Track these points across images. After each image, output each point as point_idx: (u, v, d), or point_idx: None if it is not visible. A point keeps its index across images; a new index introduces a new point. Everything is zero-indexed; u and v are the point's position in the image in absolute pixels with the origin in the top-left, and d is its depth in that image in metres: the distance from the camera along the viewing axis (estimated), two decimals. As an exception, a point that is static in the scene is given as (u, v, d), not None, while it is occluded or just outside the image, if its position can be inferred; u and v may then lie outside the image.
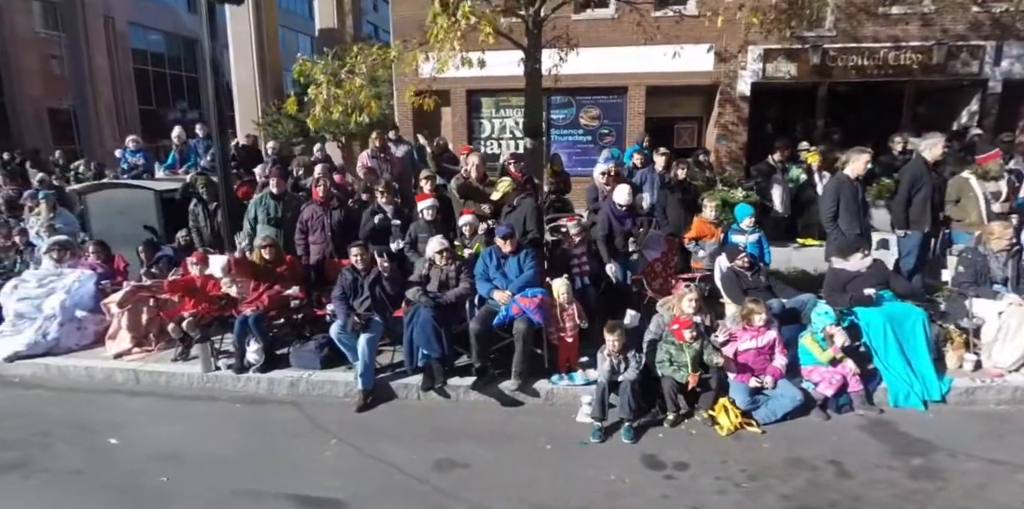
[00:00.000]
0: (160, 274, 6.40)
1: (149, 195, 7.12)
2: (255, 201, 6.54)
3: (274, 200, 6.46)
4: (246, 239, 6.44)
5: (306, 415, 4.92)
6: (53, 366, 5.86)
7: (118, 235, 7.10)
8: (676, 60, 11.84)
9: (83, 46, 20.10)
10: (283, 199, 6.53)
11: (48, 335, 6.06)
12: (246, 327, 5.36)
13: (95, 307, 6.32)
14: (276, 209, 6.41)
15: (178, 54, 26.82)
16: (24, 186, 10.23)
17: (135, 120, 22.67)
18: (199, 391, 5.43)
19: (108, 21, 21.45)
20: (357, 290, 5.26)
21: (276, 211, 6.40)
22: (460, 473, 4.05)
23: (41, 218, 7.55)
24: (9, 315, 6.29)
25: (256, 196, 6.64)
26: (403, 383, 5.20)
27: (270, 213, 6.39)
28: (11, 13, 18.34)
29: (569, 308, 5.08)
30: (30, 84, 19.17)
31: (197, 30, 26.81)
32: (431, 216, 5.71)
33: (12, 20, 18.12)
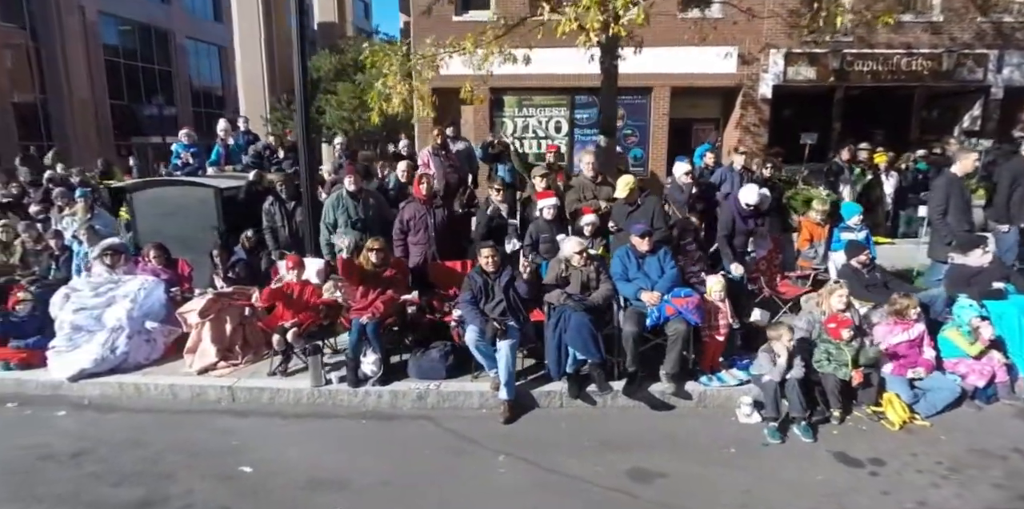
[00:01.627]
0: (237, 279, 5.72)
1: (209, 193, 6.36)
2: (331, 203, 5.89)
3: (352, 199, 5.86)
4: (327, 245, 5.82)
5: (448, 430, 4.42)
6: (128, 384, 5.11)
7: (169, 237, 6.31)
8: (700, 62, 11.88)
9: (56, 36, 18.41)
10: (359, 197, 5.94)
11: (117, 349, 5.29)
12: (363, 336, 4.81)
13: (166, 317, 5.58)
14: (356, 209, 5.81)
15: (150, 47, 25.08)
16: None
17: (107, 116, 21.03)
18: (311, 408, 4.82)
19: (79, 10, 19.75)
20: (488, 294, 4.79)
21: (357, 211, 5.80)
22: (663, 483, 3.70)
23: (78, 219, 6.67)
24: (64, 328, 5.47)
25: (331, 197, 5.99)
26: (543, 391, 4.76)
27: (351, 214, 5.78)
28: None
29: (722, 307, 4.78)
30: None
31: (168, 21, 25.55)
32: (551, 215, 5.29)
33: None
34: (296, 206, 6.03)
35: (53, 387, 5.20)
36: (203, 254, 6.30)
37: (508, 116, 13.09)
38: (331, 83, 14.21)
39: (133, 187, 6.59)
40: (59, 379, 5.18)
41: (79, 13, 19.80)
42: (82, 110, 20.06)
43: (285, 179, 6.09)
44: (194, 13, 27.35)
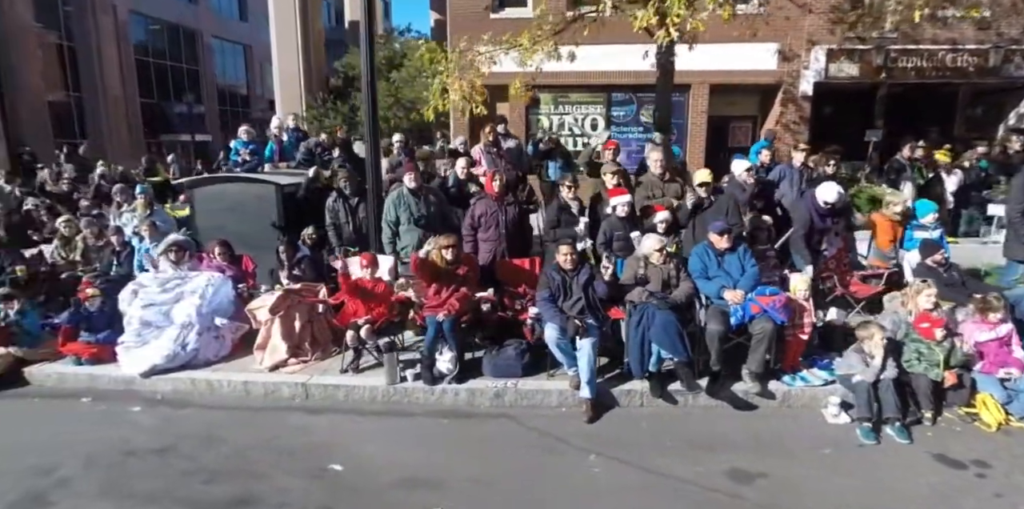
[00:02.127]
0: (303, 276, 5.66)
1: (270, 190, 6.31)
2: (392, 200, 5.79)
3: (413, 196, 5.77)
4: (389, 244, 5.74)
5: (531, 428, 4.33)
6: (201, 381, 5.07)
7: (228, 233, 6.25)
8: (740, 59, 11.69)
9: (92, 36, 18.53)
10: (420, 194, 5.86)
11: (187, 346, 5.25)
12: (440, 334, 4.73)
13: (234, 314, 5.54)
14: (418, 207, 5.73)
15: (178, 46, 25.24)
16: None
17: (137, 114, 21.19)
18: (387, 405, 4.75)
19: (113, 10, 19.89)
20: (566, 292, 4.69)
21: (419, 209, 5.71)
22: (765, 484, 3.61)
23: (139, 215, 6.65)
24: (133, 324, 5.44)
25: (392, 194, 5.91)
26: (623, 390, 4.66)
27: (413, 212, 5.69)
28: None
29: (806, 305, 4.65)
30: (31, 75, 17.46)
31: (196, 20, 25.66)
32: (625, 212, 5.17)
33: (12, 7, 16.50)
34: (359, 202, 5.96)
35: (125, 382, 5.17)
36: (262, 251, 6.26)
37: (544, 113, 12.97)
38: (365, 81, 14.17)
39: (193, 183, 6.56)
40: (131, 375, 5.15)
41: (112, 13, 19.95)
42: (115, 108, 20.21)
43: (349, 175, 6.02)
44: (220, 12, 27.51)
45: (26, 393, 5.20)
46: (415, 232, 5.57)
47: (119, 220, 6.93)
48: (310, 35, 15.68)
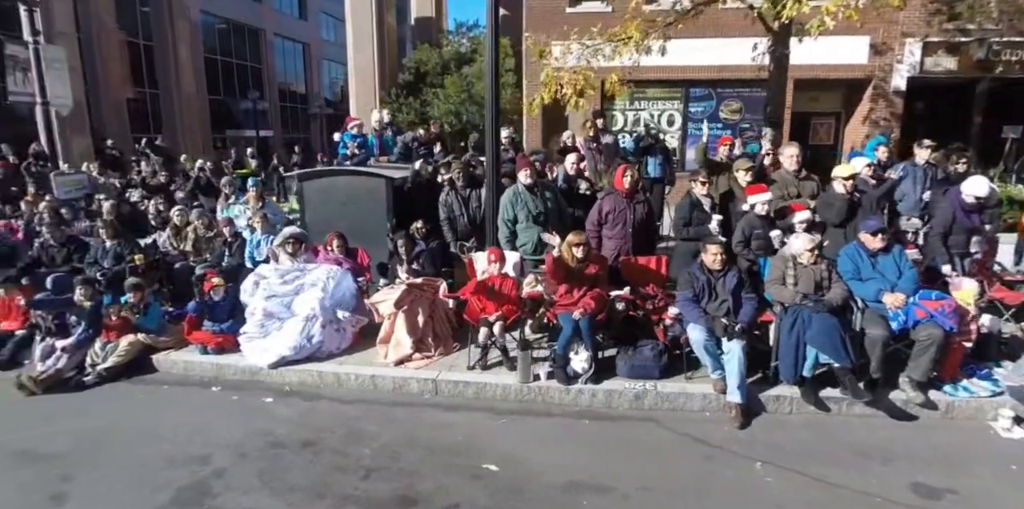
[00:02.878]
0: (423, 271, 5.57)
1: (380, 183, 6.25)
2: (508, 198, 5.60)
3: (529, 193, 5.58)
4: (508, 243, 5.58)
5: (681, 434, 4.12)
6: (328, 373, 5.02)
7: (338, 227, 6.20)
8: (828, 52, 11.16)
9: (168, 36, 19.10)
10: (535, 191, 5.67)
11: (312, 338, 5.22)
12: (577, 332, 4.57)
13: (356, 307, 5.49)
14: (535, 203, 5.54)
15: (243, 44, 25.79)
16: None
17: (206, 110, 21.74)
18: (520, 404, 4.60)
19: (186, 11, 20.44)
20: (711, 293, 4.46)
21: (536, 205, 5.54)
22: (956, 500, 3.36)
23: (251, 207, 6.67)
24: (256, 315, 5.44)
25: (507, 192, 5.72)
26: (770, 395, 4.41)
27: (530, 209, 5.52)
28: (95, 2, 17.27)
29: (973, 311, 4.32)
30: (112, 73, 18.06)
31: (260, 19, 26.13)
32: (765, 211, 4.90)
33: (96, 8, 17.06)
34: (471, 193, 5.83)
35: (251, 373, 5.16)
36: (371, 244, 6.21)
37: (619, 109, 12.69)
38: (437, 77, 14.15)
39: (304, 176, 6.54)
40: (257, 365, 5.14)
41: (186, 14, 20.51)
42: (188, 104, 20.77)
43: (463, 167, 5.90)
44: (282, 11, 27.98)
45: (155, 380, 5.25)
46: (533, 229, 5.40)
47: (227, 212, 6.98)
48: (384, 32, 15.73)
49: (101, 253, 6.46)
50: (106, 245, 6.47)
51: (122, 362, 5.25)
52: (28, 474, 3.78)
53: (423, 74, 14.76)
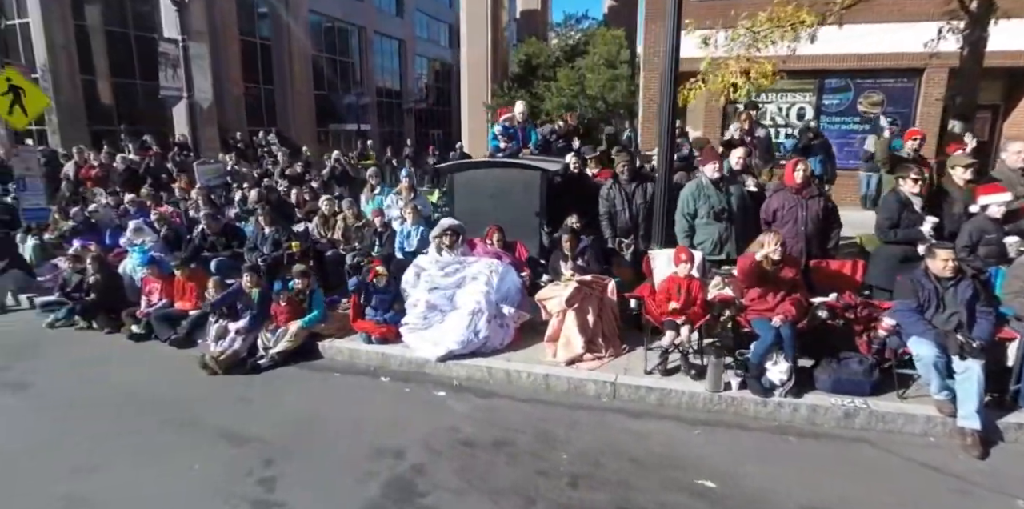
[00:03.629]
0: (588, 267, 5.31)
1: (534, 176, 6.06)
2: (691, 192, 5.22)
3: (715, 187, 5.17)
4: (686, 238, 5.21)
5: (907, 459, 3.65)
6: (499, 370, 4.86)
7: (488, 220, 6.06)
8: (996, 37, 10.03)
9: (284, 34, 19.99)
10: (721, 186, 5.22)
11: (479, 332, 5.08)
12: (776, 340, 4.17)
13: (520, 302, 5.32)
14: (719, 199, 5.14)
15: (345, 41, 26.65)
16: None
17: (312, 105, 22.61)
18: (710, 414, 4.27)
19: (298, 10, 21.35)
20: (939, 303, 3.95)
21: (720, 201, 5.14)
22: None
23: (403, 198, 6.67)
24: (419, 307, 5.38)
25: (689, 185, 5.33)
26: (1008, 422, 3.86)
27: (713, 204, 5.12)
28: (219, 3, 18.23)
29: None
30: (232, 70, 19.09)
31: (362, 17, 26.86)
32: (1000, 213, 4.31)
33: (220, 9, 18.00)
34: (636, 188, 5.52)
35: (418, 364, 5.09)
36: (520, 237, 6.04)
37: (744, 102, 11.95)
38: (549, 69, 13.92)
39: (453, 168, 6.44)
40: (424, 357, 5.07)
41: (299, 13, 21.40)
42: (299, 99, 21.68)
43: (628, 160, 5.60)
44: (381, 8, 28.63)
45: (323, 366, 5.29)
46: (714, 226, 5.02)
47: (374, 203, 7.01)
48: (499, 25, 15.69)
49: (260, 239, 6.63)
50: (265, 232, 6.63)
51: (291, 347, 5.32)
52: (233, 455, 3.82)
53: (534, 67, 14.55)
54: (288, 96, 20.99)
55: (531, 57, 14.77)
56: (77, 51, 18.86)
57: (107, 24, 20.34)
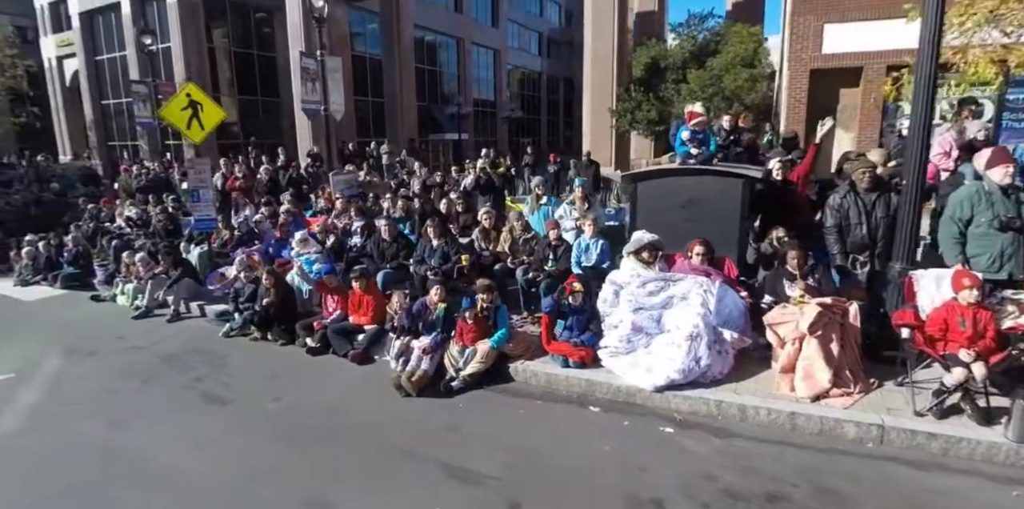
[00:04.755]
0: (822, 288, 4.61)
1: (735, 185, 5.42)
2: (968, 197, 4.35)
3: (1003, 194, 4.23)
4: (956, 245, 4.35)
5: None
6: (730, 404, 4.24)
7: (675, 232, 5.47)
8: None
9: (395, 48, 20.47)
10: (1010, 193, 4.29)
11: (700, 360, 4.49)
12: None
13: (743, 327, 4.70)
14: (1006, 207, 4.19)
15: (445, 53, 27.06)
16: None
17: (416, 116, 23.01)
18: (1018, 470, 3.49)
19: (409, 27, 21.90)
20: None
21: (1008, 209, 4.19)
22: None
23: (577, 209, 6.23)
24: (622, 328, 4.87)
25: (964, 191, 4.47)
26: None
27: (998, 213, 4.17)
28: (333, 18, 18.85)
29: None
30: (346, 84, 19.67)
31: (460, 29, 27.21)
32: None
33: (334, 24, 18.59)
34: (877, 199, 4.76)
35: (627, 394, 4.56)
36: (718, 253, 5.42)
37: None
38: (677, 71, 13.22)
39: (638, 176, 5.93)
40: (634, 385, 4.54)
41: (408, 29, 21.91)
42: (407, 111, 22.09)
43: (870, 167, 4.84)
44: (477, 20, 28.86)
45: (518, 391, 4.86)
46: (996, 238, 4.18)
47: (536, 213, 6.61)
48: (625, 26, 15.20)
49: (428, 251, 6.37)
50: (433, 244, 6.36)
51: (482, 369, 4.95)
52: (474, 496, 3.43)
53: (662, 69, 13.88)
54: (395, 108, 21.41)
55: (658, 59, 14.09)
56: (209, 71, 20.02)
57: (234, 45, 21.55)
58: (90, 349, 6.22)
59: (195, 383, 5.22)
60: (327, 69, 11.31)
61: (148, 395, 5.05)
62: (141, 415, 4.65)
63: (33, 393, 5.15)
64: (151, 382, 5.30)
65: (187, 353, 5.98)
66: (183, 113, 7.15)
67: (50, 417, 4.68)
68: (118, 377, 5.43)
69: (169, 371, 5.54)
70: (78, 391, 5.16)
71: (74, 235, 9.33)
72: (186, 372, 5.49)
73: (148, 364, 5.73)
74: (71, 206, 13.02)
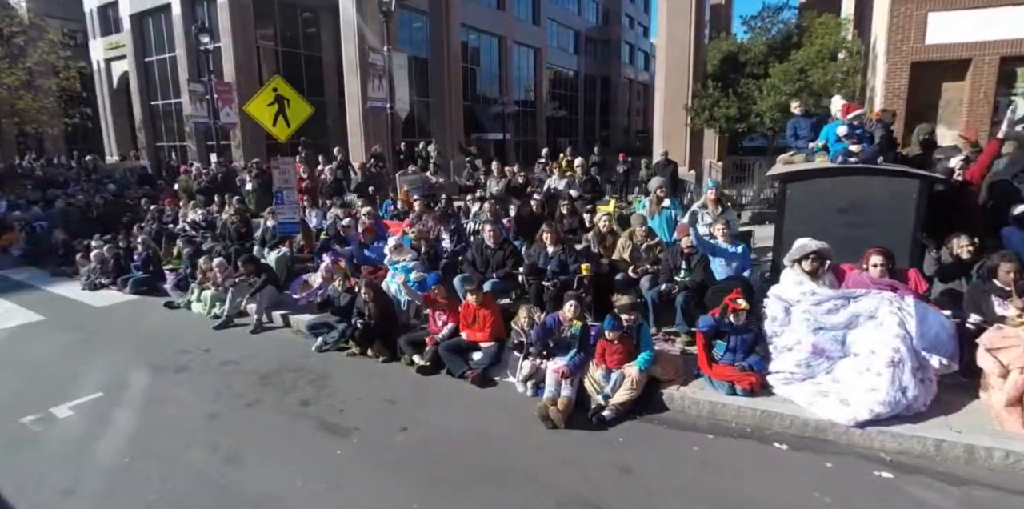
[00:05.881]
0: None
1: (911, 186, 4.71)
2: None
3: None
4: None
5: None
6: (951, 444, 3.54)
7: (836, 241, 4.76)
8: None
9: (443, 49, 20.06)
10: None
11: (907, 390, 3.80)
12: None
13: (953, 352, 3.99)
14: None
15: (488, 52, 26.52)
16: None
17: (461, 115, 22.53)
18: None
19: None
20: None
21: None
22: None
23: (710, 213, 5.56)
24: (799, 351, 4.20)
25: None
26: None
27: None
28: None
29: None
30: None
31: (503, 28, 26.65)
32: None
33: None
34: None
35: (816, 429, 3.89)
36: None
37: (1021, 93, 9.87)
38: (758, 65, 12.40)
39: (790, 176, 5.23)
40: (825, 419, 3.87)
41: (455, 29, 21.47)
42: (453, 111, 21.62)
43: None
44: (519, 18, 28.28)
45: (680, 423, 4.19)
46: None
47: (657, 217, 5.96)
48: (701, 21, 14.45)
49: (543, 259, 5.76)
50: (548, 251, 5.75)
51: (635, 397, 4.31)
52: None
53: (740, 63, 13.08)
54: (444, 108, 20.94)
55: (737, 53, 13.27)
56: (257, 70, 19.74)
57: (281, 45, 21.27)
58: (178, 364, 5.72)
59: (304, 408, 4.66)
60: (394, 65, 10.83)
61: (255, 421, 4.49)
62: (253, 445, 4.10)
63: (130, 415, 4.64)
64: (255, 406, 4.74)
65: (284, 370, 5.44)
66: (269, 109, 6.63)
67: (156, 445, 4.15)
68: (217, 398, 4.90)
69: (270, 392, 4.99)
70: (178, 415, 4.62)
71: (143, 238, 8.93)
72: (289, 393, 4.94)
73: (245, 383, 5.19)
74: (130, 207, 12.73)
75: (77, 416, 4.64)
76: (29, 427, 4.47)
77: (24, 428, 4.46)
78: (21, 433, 4.39)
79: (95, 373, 5.57)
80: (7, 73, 18.02)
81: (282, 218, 7.25)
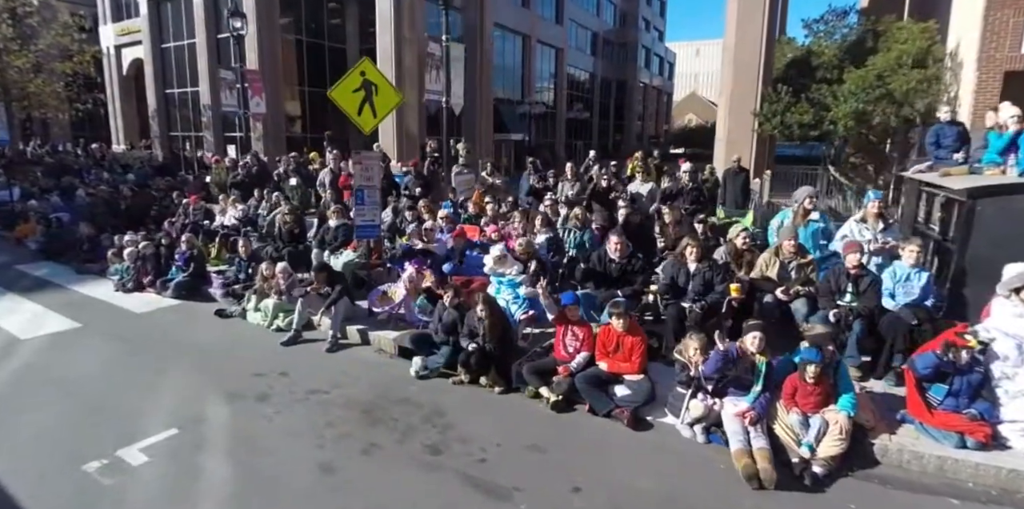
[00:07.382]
0: None
1: None
2: None
3: None
4: None
5: None
6: None
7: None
8: None
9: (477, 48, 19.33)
10: None
11: None
12: None
13: None
14: None
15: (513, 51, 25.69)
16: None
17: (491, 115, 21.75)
18: None
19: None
20: None
21: None
22: None
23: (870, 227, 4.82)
24: None
25: None
26: None
27: None
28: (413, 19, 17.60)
29: None
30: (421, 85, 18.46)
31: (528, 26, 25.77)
32: None
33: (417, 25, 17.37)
34: None
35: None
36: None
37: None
38: (832, 70, 11.69)
39: (982, 191, 4.51)
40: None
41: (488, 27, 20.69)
42: (483, 110, 20.83)
43: None
44: (543, 17, 27.49)
45: (899, 482, 3.47)
46: None
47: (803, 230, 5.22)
48: (773, 21, 13.76)
49: (684, 278, 4.99)
50: (690, 268, 4.98)
51: (845, 449, 3.58)
52: None
53: (812, 68, 12.39)
54: (478, 108, 20.14)
55: (810, 56, 12.56)
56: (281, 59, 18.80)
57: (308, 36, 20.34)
58: (257, 391, 4.81)
59: (435, 457, 3.80)
60: (452, 56, 10.02)
61: (382, 477, 3.61)
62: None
63: (222, 465, 3.71)
64: (372, 453, 3.85)
65: (387, 403, 4.58)
66: (355, 96, 5.78)
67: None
68: (321, 441, 4.00)
69: (383, 433, 4.11)
70: (283, 467, 3.71)
71: (188, 236, 8.03)
72: (408, 435, 4.07)
73: (347, 420, 4.30)
74: (156, 199, 11.78)
75: (153, 463, 3.73)
76: (97, 479, 3.56)
77: (90, 480, 3.55)
78: (87, 485, 3.49)
79: (159, 399, 4.68)
80: (18, 55, 16.91)
81: (361, 220, 6.37)
